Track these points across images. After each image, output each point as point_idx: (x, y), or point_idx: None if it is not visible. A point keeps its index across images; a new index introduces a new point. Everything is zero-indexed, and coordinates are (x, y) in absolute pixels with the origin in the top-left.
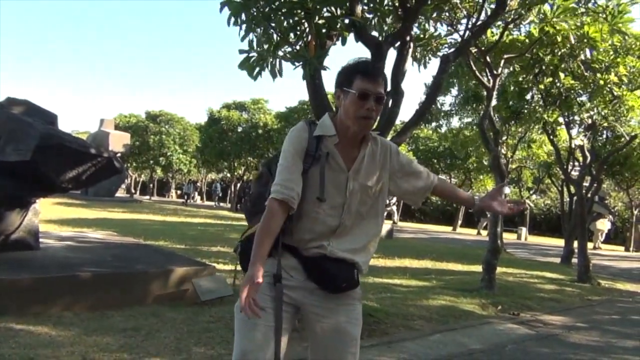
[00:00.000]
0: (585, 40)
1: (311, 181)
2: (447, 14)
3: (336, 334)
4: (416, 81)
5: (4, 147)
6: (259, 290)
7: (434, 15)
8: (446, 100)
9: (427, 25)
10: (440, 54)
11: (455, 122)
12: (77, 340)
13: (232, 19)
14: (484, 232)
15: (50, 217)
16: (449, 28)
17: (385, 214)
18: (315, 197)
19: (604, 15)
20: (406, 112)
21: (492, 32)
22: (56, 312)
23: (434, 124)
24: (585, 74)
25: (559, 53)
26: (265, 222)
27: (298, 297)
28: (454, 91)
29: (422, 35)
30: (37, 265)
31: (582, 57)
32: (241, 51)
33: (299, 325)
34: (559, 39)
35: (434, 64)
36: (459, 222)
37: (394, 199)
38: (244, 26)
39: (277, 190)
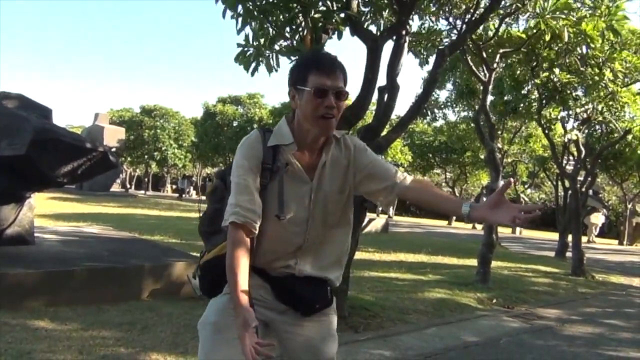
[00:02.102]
0: (582, 37)
1: (271, 197)
2: (446, 8)
3: (310, 353)
4: (411, 75)
5: None
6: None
7: (433, 9)
8: (441, 95)
9: (429, 21)
10: (440, 46)
11: (450, 115)
12: (74, 334)
13: (228, 12)
14: (479, 226)
15: (45, 212)
16: (448, 23)
17: (381, 208)
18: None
19: (598, 13)
20: (402, 106)
21: (493, 25)
22: (52, 306)
23: (429, 117)
24: (581, 69)
25: (556, 48)
26: (231, 253)
27: (267, 313)
28: (449, 85)
29: (422, 31)
30: (32, 260)
31: (578, 50)
32: (239, 45)
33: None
34: (549, 36)
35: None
36: (454, 216)
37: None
38: (240, 19)
39: (237, 212)
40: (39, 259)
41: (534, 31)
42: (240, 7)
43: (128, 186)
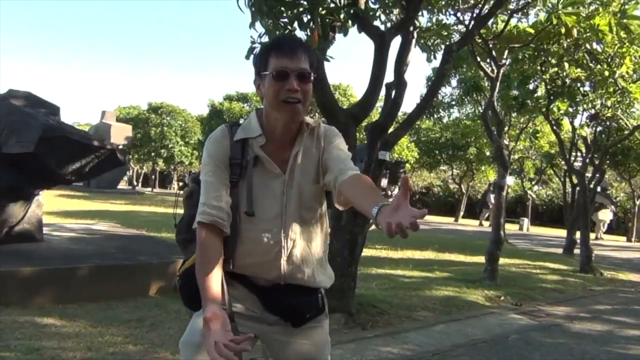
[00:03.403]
0: (592, 32)
1: (242, 194)
2: (453, 2)
3: None
4: (416, 71)
5: (7, 140)
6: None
7: (441, 4)
8: (447, 92)
9: (438, 15)
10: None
11: (456, 112)
12: (82, 331)
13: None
14: (486, 223)
15: (53, 209)
16: (456, 18)
17: None
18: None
19: (610, 9)
20: (407, 103)
21: (502, 20)
22: (61, 303)
23: (435, 115)
24: (590, 64)
25: (564, 44)
26: (200, 255)
27: (255, 326)
28: (454, 82)
29: (432, 26)
30: (41, 256)
31: (587, 46)
32: (253, 41)
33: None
34: (563, 30)
35: (438, 54)
36: (461, 213)
37: (396, 190)
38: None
39: (203, 211)
40: (48, 256)
41: (544, 26)
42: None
43: (135, 183)
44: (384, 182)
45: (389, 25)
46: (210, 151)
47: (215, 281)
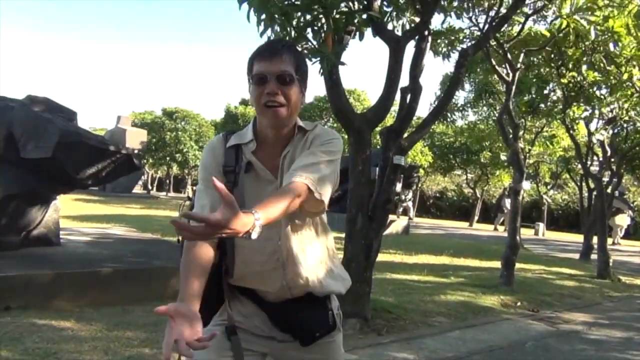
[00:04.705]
0: (608, 35)
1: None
2: (468, 5)
3: None
4: (429, 75)
5: (25, 145)
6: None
7: (455, 5)
8: (460, 95)
9: (450, 18)
10: (462, 46)
11: (471, 116)
12: (99, 335)
13: (252, 13)
14: (501, 228)
15: (70, 213)
16: (470, 21)
17: (402, 209)
18: None
19: (627, 11)
20: (420, 106)
21: (519, 21)
22: (78, 307)
23: (449, 119)
24: (608, 67)
25: (582, 47)
26: (184, 256)
27: (265, 343)
28: (467, 86)
29: (443, 29)
30: (58, 261)
31: (604, 49)
32: None
33: None
34: (573, 37)
35: (452, 58)
36: (476, 217)
37: (410, 195)
38: (262, 24)
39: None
40: (65, 260)
41: (561, 29)
42: (262, 10)
43: (150, 188)
44: (398, 187)
45: (398, 29)
46: (203, 160)
47: (192, 282)
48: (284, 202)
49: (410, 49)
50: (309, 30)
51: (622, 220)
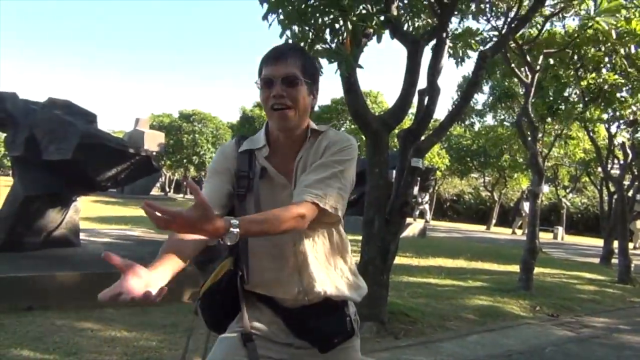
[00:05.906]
0: (630, 37)
1: (250, 208)
2: (486, 7)
3: None
4: (446, 77)
5: (47, 147)
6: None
7: (472, 8)
8: (479, 99)
9: (466, 20)
10: (481, 48)
11: (489, 119)
12: (118, 335)
13: (270, 16)
14: (519, 232)
15: (90, 215)
16: (488, 23)
17: (418, 212)
18: None
19: None
20: (437, 108)
21: (539, 23)
22: (97, 308)
23: (466, 122)
24: (630, 69)
25: (602, 48)
26: (167, 239)
27: (283, 350)
28: (486, 89)
29: (458, 31)
30: (78, 261)
31: (623, 52)
32: None
33: None
34: (600, 37)
35: (470, 60)
36: (493, 221)
37: (427, 198)
38: (280, 24)
39: None
40: (85, 261)
41: (582, 31)
42: (280, 11)
43: (167, 190)
44: (415, 190)
45: (415, 31)
46: (214, 160)
47: (165, 259)
48: (277, 220)
49: (428, 51)
50: (327, 32)
51: None
